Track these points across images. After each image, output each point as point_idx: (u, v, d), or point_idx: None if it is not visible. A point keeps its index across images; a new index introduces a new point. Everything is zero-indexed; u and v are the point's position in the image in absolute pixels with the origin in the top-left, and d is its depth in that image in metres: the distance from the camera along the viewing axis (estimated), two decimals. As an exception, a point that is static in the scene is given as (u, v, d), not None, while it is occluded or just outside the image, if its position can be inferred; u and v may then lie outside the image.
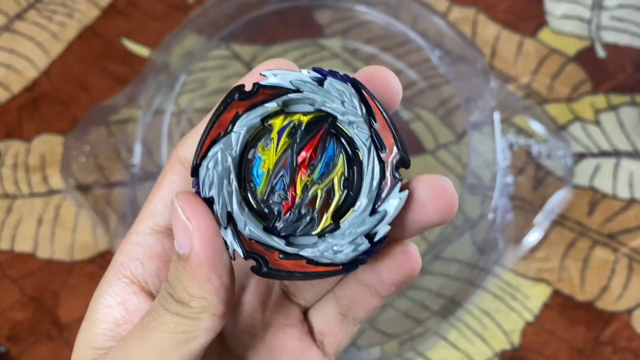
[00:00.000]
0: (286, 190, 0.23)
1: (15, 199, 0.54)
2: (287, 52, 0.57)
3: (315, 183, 0.23)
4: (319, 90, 0.23)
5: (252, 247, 0.23)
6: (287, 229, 0.23)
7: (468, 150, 0.52)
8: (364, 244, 0.23)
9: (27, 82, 0.58)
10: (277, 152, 0.23)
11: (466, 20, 0.59)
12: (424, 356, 0.49)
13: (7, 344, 0.50)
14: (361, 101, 0.23)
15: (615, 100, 0.56)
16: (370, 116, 0.23)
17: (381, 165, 0.23)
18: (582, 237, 0.52)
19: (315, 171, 0.23)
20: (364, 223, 0.23)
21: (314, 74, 0.23)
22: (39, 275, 0.52)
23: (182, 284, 0.23)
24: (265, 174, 0.23)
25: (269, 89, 0.23)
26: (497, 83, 0.54)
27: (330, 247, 0.23)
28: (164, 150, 0.53)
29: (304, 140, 0.23)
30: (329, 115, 0.23)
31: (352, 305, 0.27)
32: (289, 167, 0.23)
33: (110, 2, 0.60)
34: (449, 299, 0.50)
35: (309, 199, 0.23)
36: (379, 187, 0.23)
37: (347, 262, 0.23)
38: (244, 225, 0.23)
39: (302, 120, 0.23)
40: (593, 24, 0.59)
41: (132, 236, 0.26)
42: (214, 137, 0.23)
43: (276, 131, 0.23)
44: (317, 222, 0.23)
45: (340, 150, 0.23)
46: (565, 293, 0.51)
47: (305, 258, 0.23)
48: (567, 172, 0.52)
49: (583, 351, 0.49)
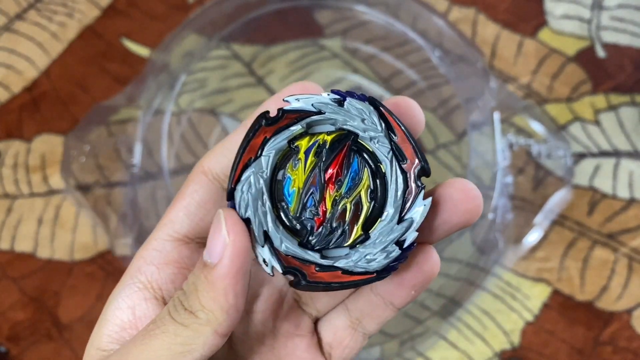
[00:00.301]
0: (317, 206, 0.25)
1: (16, 199, 0.54)
2: (287, 52, 0.57)
3: (343, 197, 0.25)
4: (340, 111, 0.25)
5: (289, 262, 0.24)
6: (320, 242, 0.25)
7: (468, 150, 0.52)
8: (395, 251, 0.24)
9: (27, 82, 0.58)
10: (306, 171, 0.25)
11: (466, 20, 0.59)
12: (424, 356, 0.49)
13: (7, 344, 0.50)
14: (380, 117, 0.25)
15: (615, 100, 0.56)
16: (390, 131, 0.25)
17: (404, 176, 0.25)
18: (582, 237, 0.52)
19: (342, 186, 0.25)
20: (392, 231, 0.24)
21: (334, 96, 0.25)
22: (39, 275, 0.52)
23: (197, 292, 0.23)
24: (297, 193, 0.25)
25: (293, 113, 0.25)
26: (497, 83, 0.54)
27: (363, 257, 0.24)
28: (164, 150, 0.53)
29: (329, 158, 0.25)
30: (350, 133, 0.25)
31: (363, 318, 0.27)
32: (318, 184, 0.25)
33: (110, 2, 0.60)
34: (449, 299, 0.50)
35: (339, 213, 0.25)
36: (403, 197, 0.24)
37: (380, 269, 0.24)
38: (280, 243, 0.24)
39: (326, 139, 0.25)
40: (593, 24, 0.59)
41: (151, 242, 0.27)
42: (246, 161, 0.25)
43: (303, 152, 0.25)
44: (349, 234, 0.25)
45: (364, 165, 0.25)
46: (565, 293, 0.51)
47: (340, 269, 0.24)
48: (567, 172, 0.53)
49: (583, 351, 0.49)
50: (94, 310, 0.51)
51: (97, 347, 0.26)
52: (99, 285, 0.51)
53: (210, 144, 0.55)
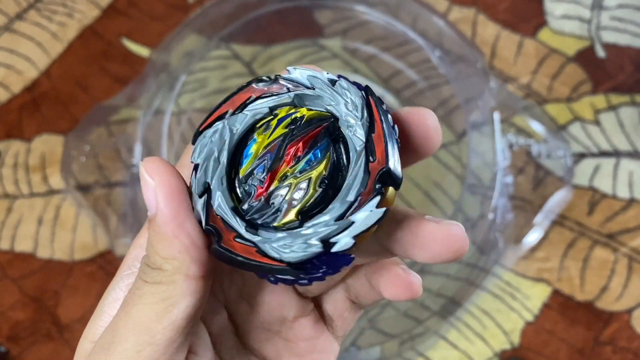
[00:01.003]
0: (264, 175, 0.23)
1: (16, 199, 0.54)
2: (287, 52, 0.57)
3: (293, 176, 0.23)
4: (328, 89, 0.23)
5: (216, 222, 0.23)
6: (252, 213, 0.23)
7: (468, 150, 0.52)
8: (316, 247, 0.21)
9: (27, 82, 0.58)
10: (270, 137, 0.23)
11: (466, 20, 0.59)
12: (424, 356, 0.49)
13: (7, 344, 0.50)
14: (366, 107, 0.23)
15: (615, 100, 0.56)
16: (370, 123, 0.22)
17: (366, 175, 0.22)
18: (582, 237, 0.52)
19: (298, 164, 0.23)
20: (326, 226, 0.21)
21: (331, 76, 0.23)
22: (39, 275, 0.52)
23: (153, 247, 0.23)
24: (253, 155, 0.23)
25: (287, 81, 0.24)
26: (497, 83, 0.54)
27: (282, 241, 0.22)
28: (164, 150, 0.53)
29: (300, 133, 0.23)
30: (333, 116, 0.23)
31: (360, 297, 0.28)
32: (275, 153, 0.23)
33: (110, 2, 0.60)
34: (449, 299, 0.50)
35: (282, 188, 0.23)
36: (356, 196, 0.22)
37: (294, 261, 0.21)
38: (215, 199, 0.23)
39: (304, 114, 0.23)
40: (593, 24, 0.59)
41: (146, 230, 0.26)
42: (223, 112, 0.24)
43: (277, 119, 0.24)
44: (282, 215, 0.22)
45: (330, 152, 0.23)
46: (565, 293, 0.51)
47: (256, 246, 0.22)
48: (567, 172, 0.53)
49: (583, 351, 0.49)
50: (93, 311, 0.51)
51: (91, 339, 0.25)
52: (99, 285, 0.51)
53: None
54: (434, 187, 0.53)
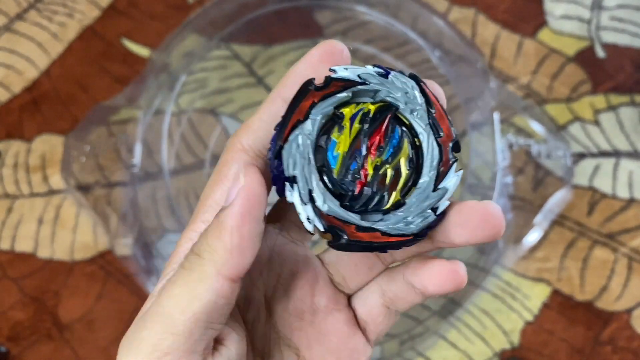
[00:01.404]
0: (359, 169, 0.26)
1: (16, 199, 0.54)
2: (287, 52, 0.57)
3: (384, 163, 0.26)
4: (384, 82, 0.26)
5: (330, 221, 0.25)
6: (360, 205, 0.26)
7: (468, 150, 0.52)
8: (430, 216, 0.25)
9: (27, 82, 0.58)
10: (350, 136, 0.26)
11: (466, 21, 0.59)
12: (424, 356, 0.49)
13: (7, 344, 0.50)
14: (421, 92, 0.26)
15: (614, 101, 0.56)
16: (429, 106, 0.26)
17: (439, 148, 0.26)
18: (581, 237, 0.52)
19: (384, 153, 0.26)
20: (428, 198, 0.26)
21: (378, 69, 0.26)
22: (39, 275, 0.52)
23: (207, 233, 0.24)
24: (340, 156, 0.26)
25: (339, 81, 0.26)
26: (497, 83, 0.54)
27: (401, 220, 0.26)
28: (164, 150, 0.53)
29: (373, 125, 0.26)
30: (391, 105, 0.26)
31: (396, 300, 0.28)
32: (362, 149, 0.26)
33: (110, 2, 0.60)
34: (449, 299, 0.50)
35: (380, 178, 0.26)
36: (438, 167, 0.26)
37: (416, 232, 0.25)
38: (322, 202, 0.25)
39: (370, 108, 0.26)
40: (593, 24, 0.59)
41: (198, 224, 0.26)
42: (294, 122, 0.25)
43: (348, 118, 0.26)
44: (387, 198, 0.26)
45: (405, 135, 0.26)
46: (565, 293, 0.51)
47: (379, 230, 0.25)
48: (567, 172, 0.53)
49: (583, 351, 0.49)
50: (94, 310, 0.51)
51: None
52: (99, 285, 0.51)
53: (210, 144, 0.55)
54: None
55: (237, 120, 0.55)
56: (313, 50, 0.27)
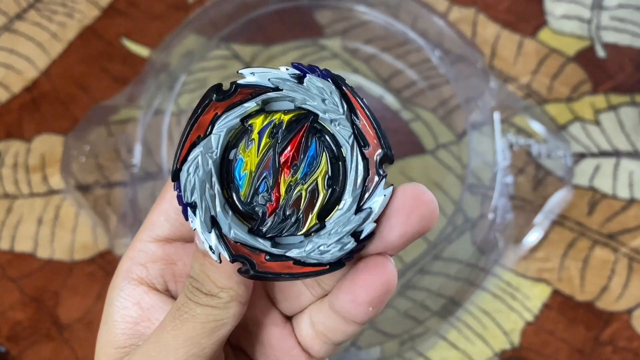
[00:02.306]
0: (270, 191, 0.23)
1: (15, 199, 0.54)
2: (287, 52, 0.57)
3: (299, 183, 0.23)
4: (299, 88, 0.23)
5: (238, 250, 0.23)
6: (272, 230, 0.23)
7: (468, 150, 0.52)
8: (351, 243, 0.23)
9: (27, 82, 0.58)
10: (259, 153, 0.23)
11: (466, 20, 0.59)
12: (424, 356, 0.49)
13: (7, 344, 0.50)
14: (342, 98, 0.23)
15: (615, 100, 0.56)
16: (352, 113, 0.23)
17: (365, 162, 0.23)
18: (582, 237, 0.52)
19: (298, 171, 0.23)
20: (349, 222, 0.23)
21: (293, 71, 0.23)
22: (39, 275, 0.52)
23: (210, 278, 0.24)
24: (248, 176, 0.23)
25: (247, 88, 0.23)
26: (497, 83, 0.54)
27: (317, 247, 0.23)
28: (164, 150, 0.53)
29: (285, 139, 0.23)
30: (310, 113, 0.23)
31: (327, 332, 0.27)
32: (272, 168, 0.23)
33: (110, 2, 0.60)
34: (449, 299, 0.50)
35: (293, 200, 0.23)
36: (363, 185, 0.23)
37: (333, 261, 0.23)
38: (228, 229, 0.23)
39: (283, 119, 0.23)
40: (593, 24, 0.59)
41: (136, 244, 0.28)
42: (193, 140, 0.23)
43: (257, 132, 0.23)
44: (303, 222, 0.23)
45: (322, 149, 0.23)
46: (565, 293, 0.51)
47: (292, 259, 0.23)
48: (567, 172, 0.53)
49: (583, 351, 0.49)
50: (94, 310, 0.51)
51: (114, 347, 0.27)
52: (99, 285, 0.51)
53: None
54: (434, 187, 0.53)
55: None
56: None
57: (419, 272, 0.50)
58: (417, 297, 0.50)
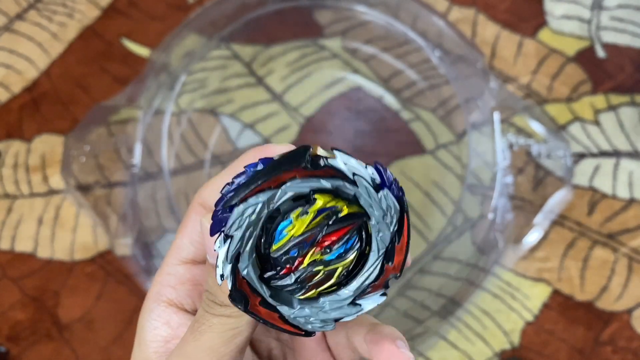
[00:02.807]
0: (296, 258, 0.25)
1: (16, 199, 0.54)
2: (287, 52, 0.57)
3: (322, 263, 0.25)
4: (372, 195, 0.25)
5: (241, 285, 0.25)
6: (277, 283, 0.26)
7: (468, 150, 0.52)
8: (331, 326, 0.26)
9: (27, 82, 0.58)
10: (309, 226, 0.25)
11: (466, 20, 0.59)
12: (424, 356, 0.49)
13: (7, 344, 0.50)
14: (399, 221, 0.25)
15: (615, 101, 0.56)
16: (398, 235, 0.25)
17: (380, 273, 0.26)
18: (582, 237, 0.52)
19: (327, 254, 0.25)
20: (340, 309, 0.26)
21: (375, 175, 0.25)
22: (39, 275, 0.52)
23: (221, 289, 0.26)
24: (287, 237, 0.25)
25: (332, 169, 0.25)
26: (497, 83, 0.54)
27: (304, 316, 0.26)
28: (164, 150, 0.53)
29: (334, 226, 0.25)
30: (366, 213, 0.25)
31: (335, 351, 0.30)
32: (311, 243, 0.25)
33: (110, 2, 0.60)
34: (449, 299, 0.50)
35: (311, 273, 0.26)
36: (367, 287, 0.26)
37: (310, 331, 0.26)
38: (244, 266, 0.25)
39: (343, 209, 0.25)
40: (593, 24, 0.59)
41: (164, 267, 0.30)
42: (263, 188, 0.24)
43: (317, 209, 0.25)
44: (305, 292, 0.26)
45: (356, 249, 0.26)
46: (565, 293, 0.51)
47: (279, 313, 0.25)
48: (567, 172, 0.53)
49: (583, 351, 0.49)
50: (94, 310, 0.51)
51: None
52: (99, 285, 0.51)
53: (210, 144, 0.55)
54: (434, 187, 0.53)
55: (237, 120, 0.55)
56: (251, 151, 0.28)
57: (419, 272, 0.50)
58: (417, 297, 0.50)
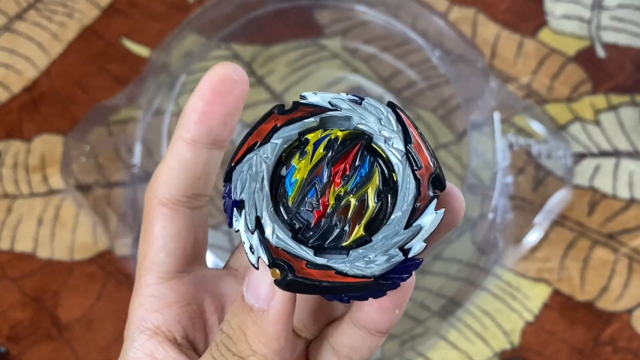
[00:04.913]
0: (318, 198, 0.23)
1: (15, 199, 0.54)
2: (287, 52, 0.57)
3: (349, 194, 0.23)
4: (357, 108, 0.23)
5: (279, 254, 0.22)
6: (316, 239, 0.23)
7: (468, 150, 0.52)
8: (398, 256, 0.22)
9: (27, 82, 0.58)
10: (312, 161, 0.23)
11: (466, 20, 0.59)
12: (424, 356, 0.49)
13: (7, 344, 0.50)
14: (398, 120, 0.23)
15: (615, 100, 0.56)
16: (406, 134, 0.23)
17: (417, 182, 0.23)
18: (582, 237, 0.52)
19: (349, 182, 0.23)
20: (397, 235, 0.22)
21: (352, 97, 0.24)
22: (39, 275, 0.52)
23: (247, 337, 0.23)
24: (298, 183, 0.23)
25: (308, 106, 0.23)
26: (497, 83, 0.54)
27: (362, 258, 0.22)
28: (164, 150, 0.53)
29: (340, 152, 0.23)
30: (365, 134, 0.23)
31: (352, 353, 0.26)
32: (323, 176, 0.23)
33: (110, 2, 0.60)
34: (449, 299, 0.50)
35: (342, 208, 0.23)
36: (414, 203, 0.22)
37: (379, 274, 0.22)
38: (272, 232, 0.22)
39: (338, 135, 0.23)
40: (593, 24, 0.59)
41: (143, 288, 0.26)
42: (251, 144, 0.23)
43: (312, 143, 0.23)
44: (349, 232, 0.23)
45: (376, 166, 0.23)
46: (565, 293, 0.51)
47: (333, 268, 0.22)
48: (567, 172, 0.53)
49: (583, 351, 0.49)
50: (93, 310, 0.51)
51: None
52: (99, 285, 0.51)
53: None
54: (434, 187, 0.53)
55: (237, 120, 0.55)
56: (202, 81, 0.25)
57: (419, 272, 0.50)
58: (417, 297, 0.50)
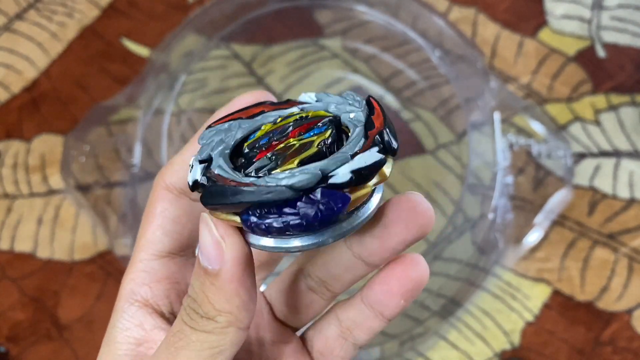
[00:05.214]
0: (269, 143, 0.23)
1: (15, 199, 0.54)
2: (287, 52, 0.57)
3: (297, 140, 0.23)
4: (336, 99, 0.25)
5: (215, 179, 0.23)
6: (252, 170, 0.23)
7: (468, 150, 0.52)
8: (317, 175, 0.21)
9: (27, 82, 0.58)
10: (278, 123, 0.24)
11: (466, 20, 0.59)
12: (424, 356, 0.49)
13: (7, 344, 0.50)
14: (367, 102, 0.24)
15: (615, 100, 0.56)
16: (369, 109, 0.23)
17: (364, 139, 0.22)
18: (582, 237, 0.52)
19: (302, 136, 0.23)
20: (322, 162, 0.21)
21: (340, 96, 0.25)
22: (39, 275, 0.52)
23: (208, 299, 0.23)
24: (258, 134, 0.24)
25: (296, 102, 0.25)
26: (497, 83, 0.54)
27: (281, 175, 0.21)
28: (164, 150, 0.53)
29: (304, 121, 0.24)
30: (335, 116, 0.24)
31: (354, 328, 0.27)
32: (280, 131, 0.24)
33: (110, 2, 0.60)
34: (449, 299, 0.50)
35: (283, 148, 0.23)
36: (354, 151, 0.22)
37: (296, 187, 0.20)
38: (215, 164, 0.23)
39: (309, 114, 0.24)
40: (593, 24, 0.59)
41: (136, 264, 0.27)
42: (235, 118, 0.24)
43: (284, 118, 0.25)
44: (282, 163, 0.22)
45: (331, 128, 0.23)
46: (566, 293, 0.51)
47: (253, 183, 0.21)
48: (567, 172, 0.52)
49: (583, 351, 0.49)
50: (93, 310, 0.51)
51: None
52: (99, 285, 0.51)
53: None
54: (434, 187, 0.53)
55: (237, 120, 0.55)
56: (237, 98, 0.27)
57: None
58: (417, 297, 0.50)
